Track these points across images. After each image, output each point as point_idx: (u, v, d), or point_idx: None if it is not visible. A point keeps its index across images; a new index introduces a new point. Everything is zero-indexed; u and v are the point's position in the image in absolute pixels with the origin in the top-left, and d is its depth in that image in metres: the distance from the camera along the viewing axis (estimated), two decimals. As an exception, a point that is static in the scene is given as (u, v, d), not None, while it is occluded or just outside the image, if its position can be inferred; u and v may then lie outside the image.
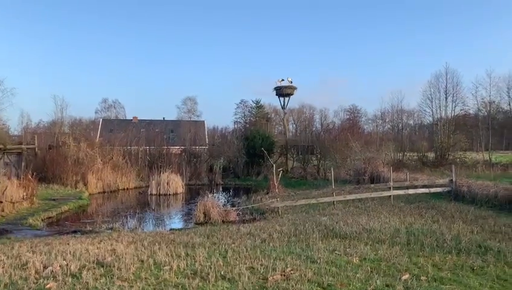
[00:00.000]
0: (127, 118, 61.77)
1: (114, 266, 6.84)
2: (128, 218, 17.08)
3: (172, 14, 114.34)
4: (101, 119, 54.74)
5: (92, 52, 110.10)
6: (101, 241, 9.94)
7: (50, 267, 6.77)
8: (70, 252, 8.04)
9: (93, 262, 7.21)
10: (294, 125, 71.79)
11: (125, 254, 7.83)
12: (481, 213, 13.39)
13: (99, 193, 26.72)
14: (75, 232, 13.23)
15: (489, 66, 49.58)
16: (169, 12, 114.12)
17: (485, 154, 39.53)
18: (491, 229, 10.60)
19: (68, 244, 9.40)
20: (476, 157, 38.51)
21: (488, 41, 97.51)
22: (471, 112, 43.01)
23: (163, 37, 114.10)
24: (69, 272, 6.54)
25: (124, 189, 28.77)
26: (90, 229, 13.82)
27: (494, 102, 42.45)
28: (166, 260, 7.37)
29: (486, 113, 42.67)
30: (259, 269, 6.73)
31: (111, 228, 13.92)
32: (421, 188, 18.65)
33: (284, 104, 41.31)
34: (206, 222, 14.97)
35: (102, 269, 6.76)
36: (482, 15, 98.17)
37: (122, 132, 38.76)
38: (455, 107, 40.12)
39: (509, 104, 40.97)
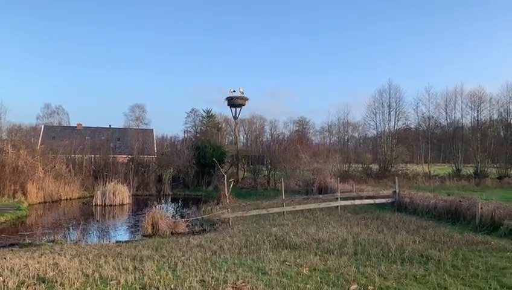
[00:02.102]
0: (71, 125, 59.46)
1: (56, 282, 6.48)
2: (71, 230, 16.30)
3: (121, 19, 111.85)
4: (42, 126, 52.12)
5: (33, 55, 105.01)
6: (42, 254, 9.42)
7: (-16, 285, 6.30)
8: (7, 267, 7.52)
9: (34, 278, 6.78)
10: (245, 136, 72.22)
11: (69, 268, 7.45)
12: (422, 223, 14.09)
13: (39, 203, 25.29)
14: (12, 245, 12.44)
15: (427, 83, 52.67)
16: (117, 17, 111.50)
17: (424, 166, 41.76)
18: (431, 238, 11.17)
19: (5, 258, 8.80)
20: (417, 169, 40.61)
21: (428, 59, 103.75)
22: (412, 126, 45.43)
23: (110, 42, 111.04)
24: (6, 289, 6.11)
25: (67, 199, 27.45)
26: (30, 242, 13.05)
27: (433, 117, 45.05)
28: (113, 274, 7.09)
29: (425, 128, 45.12)
30: (210, 281, 6.65)
31: (52, 241, 13.20)
32: (366, 199, 19.36)
33: (235, 115, 41.34)
34: (154, 234, 14.60)
35: (43, 285, 6.37)
36: (425, 32, 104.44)
37: (66, 139, 37.23)
38: (398, 121, 42.30)
39: (447, 120, 43.60)
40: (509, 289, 6.61)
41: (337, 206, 18.29)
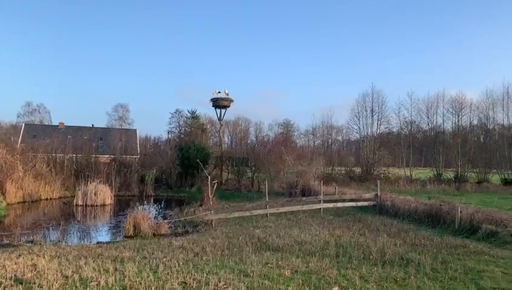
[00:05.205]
0: (53, 124, 58.36)
1: (35, 283, 6.37)
2: (51, 230, 16.03)
3: (104, 17, 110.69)
4: (23, 124, 51.07)
5: (14, 52, 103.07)
6: (19, 255, 9.23)
7: (-40, 286, 6.16)
8: (-17, 268, 7.37)
9: (11, 279, 6.65)
10: (229, 137, 72.05)
11: (48, 269, 7.33)
12: (403, 226, 14.26)
13: (18, 203, 24.76)
14: (-11, 246, 12.15)
15: (410, 88, 53.48)
16: (100, 16, 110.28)
17: (406, 170, 42.33)
18: (412, 241, 11.32)
19: (-19, 259, 8.61)
20: (398, 173, 41.13)
21: (411, 64, 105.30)
22: (394, 130, 46.09)
23: (93, 41, 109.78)
24: (-18, 290, 5.99)
25: (47, 199, 26.96)
26: (8, 242, 12.79)
27: (414, 122, 45.77)
28: (93, 275, 7.01)
29: (407, 132, 45.77)
30: (191, 284, 6.62)
31: (31, 241, 12.96)
32: (348, 201, 19.50)
33: (220, 116, 41.35)
34: (136, 235, 14.44)
35: (21, 286, 6.26)
36: (408, 39, 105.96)
37: (47, 138, 36.46)
38: (380, 125, 42.85)
39: (428, 125, 44.32)
40: (486, 291, 6.75)
41: (320, 208, 18.39)
